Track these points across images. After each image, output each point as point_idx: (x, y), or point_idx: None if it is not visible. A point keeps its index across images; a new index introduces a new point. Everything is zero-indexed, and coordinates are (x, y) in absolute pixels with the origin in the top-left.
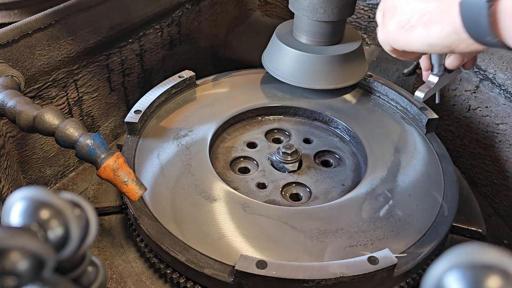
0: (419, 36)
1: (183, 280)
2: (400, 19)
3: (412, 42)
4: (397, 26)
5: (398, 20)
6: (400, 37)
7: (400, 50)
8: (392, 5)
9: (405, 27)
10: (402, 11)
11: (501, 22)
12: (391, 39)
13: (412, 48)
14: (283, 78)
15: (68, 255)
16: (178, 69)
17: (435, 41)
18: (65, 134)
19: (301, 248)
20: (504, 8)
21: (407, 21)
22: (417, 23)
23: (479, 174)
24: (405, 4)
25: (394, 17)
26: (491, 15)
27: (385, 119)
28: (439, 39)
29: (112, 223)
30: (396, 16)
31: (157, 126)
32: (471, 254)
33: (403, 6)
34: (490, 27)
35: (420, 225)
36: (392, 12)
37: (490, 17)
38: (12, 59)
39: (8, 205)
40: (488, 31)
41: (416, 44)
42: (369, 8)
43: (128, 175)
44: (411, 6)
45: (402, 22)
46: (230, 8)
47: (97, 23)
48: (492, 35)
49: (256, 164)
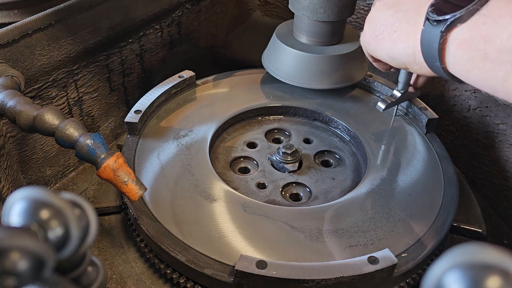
0: (385, 47)
1: (183, 280)
2: (375, 29)
3: (379, 50)
4: (371, 33)
5: (374, 29)
6: (371, 42)
7: (370, 55)
8: (374, 16)
9: (378, 37)
10: (380, 22)
11: (448, 50)
12: (365, 42)
13: (377, 55)
14: (283, 78)
15: (68, 255)
16: (178, 69)
17: (396, 56)
18: (65, 134)
19: (301, 248)
20: (452, 39)
21: (380, 32)
22: (387, 37)
23: (479, 174)
24: (383, 18)
25: (372, 25)
26: (442, 43)
27: (385, 119)
28: (399, 55)
29: (112, 223)
30: (373, 25)
31: (157, 126)
32: (471, 254)
33: (382, 19)
34: (439, 53)
35: (420, 225)
36: (372, 22)
37: (440, 45)
38: (12, 59)
39: (8, 205)
40: (437, 57)
41: (381, 53)
42: (369, 8)
43: (128, 175)
44: (387, 22)
45: (377, 31)
46: (230, 8)
47: (97, 23)
48: (440, 61)
49: (256, 164)
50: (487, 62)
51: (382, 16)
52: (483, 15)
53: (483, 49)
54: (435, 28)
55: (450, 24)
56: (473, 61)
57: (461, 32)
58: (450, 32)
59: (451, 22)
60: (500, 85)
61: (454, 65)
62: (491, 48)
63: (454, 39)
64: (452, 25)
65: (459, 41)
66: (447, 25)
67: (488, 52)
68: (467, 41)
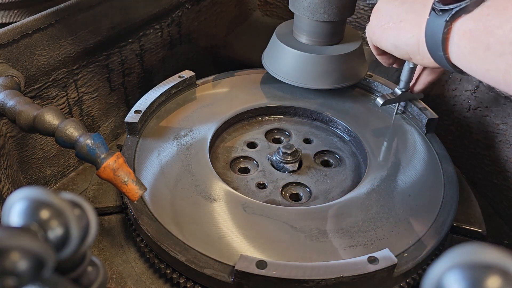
0: (390, 37)
1: (183, 280)
2: (381, 18)
3: (384, 40)
4: (377, 23)
5: (380, 18)
6: (376, 32)
7: (375, 45)
8: (380, 6)
9: (384, 26)
10: (386, 13)
11: (451, 40)
12: (370, 32)
13: (382, 45)
14: (283, 78)
15: (68, 255)
16: (178, 69)
17: (401, 45)
18: (65, 134)
19: (301, 248)
20: (456, 29)
21: (386, 22)
22: (393, 26)
23: (479, 174)
24: (390, 9)
25: (378, 15)
26: (446, 32)
27: (385, 119)
28: (404, 45)
29: (112, 223)
30: (380, 15)
31: (157, 126)
32: (471, 254)
33: (388, 10)
34: (443, 43)
35: (420, 225)
36: (378, 12)
37: (444, 34)
38: (12, 59)
39: (8, 205)
40: (440, 47)
41: (385, 42)
42: (369, 8)
43: (128, 175)
44: (393, 12)
45: (382, 21)
46: (230, 8)
47: (97, 23)
48: (443, 51)
49: (256, 164)
50: (489, 53)
51: (388, 7)
52: (487, 7)
53: (486, 40)
54: (440, 18)
55: (454, 14)
56: (476, 51)
57: (465, 22)
58: (455, 22)
59: (456, 12)
60: (502, 77)
61: (457, 55)
62: (494, 39)
63: (458, 29)
64: (456, 15)
65: (463, 31)
66: (452, 15)
67: (490, 43)
68: (471, 32)
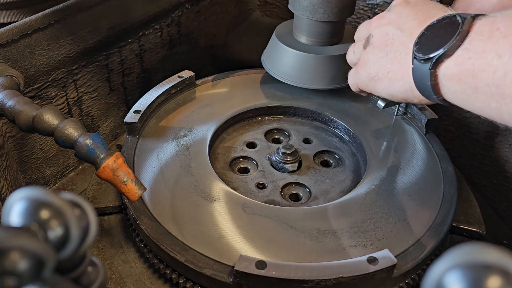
0: (384, 87)
1: (182, 280)
2: (370, 71)
3: (378, 91)
4: (367, 76)
5: (368, 72)
6: (369, 84)
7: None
8: (366, 59)
9: (374, 78)
10: (373, 64)
11: (441, 84)
12: (362, 84)
13: (377, 94)
14: (283, 78)
15: (68, 255)
16: (178, 69)
17: (396, 93)
18: (64, 134)
19: (301, 248)
20: (442, 74)
21: (376, 74)
22: (383, 77)
23: (479, 174)
24: (376, 60)
25: (366, 69)
26: (434, 79)
27: (385, 119)
28: (398, 93)
29: (112, 223)
30: (368, 68)
31: (157, 126)
32: (471, 254)
33: (374, 62)
34: (433, 88)
35: (420, 225)
36: (365, 65)
37: (432, 81)
38: (12, 59)
39: (8, 205)
40: (431, 92)
41: (380, 92)
42: (369, 8)
43: (127, 175)
44: (380, 63)
45: (372, 74)
46: (229, 8)
47: (97, 23)
48: (436, 94)
49: (256, 164)
50: (479, 94)
51: (374, 58)
52: (466, 50)
53: (473, 82)
54: (424, 66)
55: (436, 61)
56: (466, 92)
57: (449, 67)
58: (439, 68)
59: (436, 60)
60: (495, 114)
61: (450, 96)
62: (480, 82)
63: (444, 75)
64: (439, 61)
65: (449, 76)
66: (433, 63)
67: (477, 85)
68: (457, 75)
